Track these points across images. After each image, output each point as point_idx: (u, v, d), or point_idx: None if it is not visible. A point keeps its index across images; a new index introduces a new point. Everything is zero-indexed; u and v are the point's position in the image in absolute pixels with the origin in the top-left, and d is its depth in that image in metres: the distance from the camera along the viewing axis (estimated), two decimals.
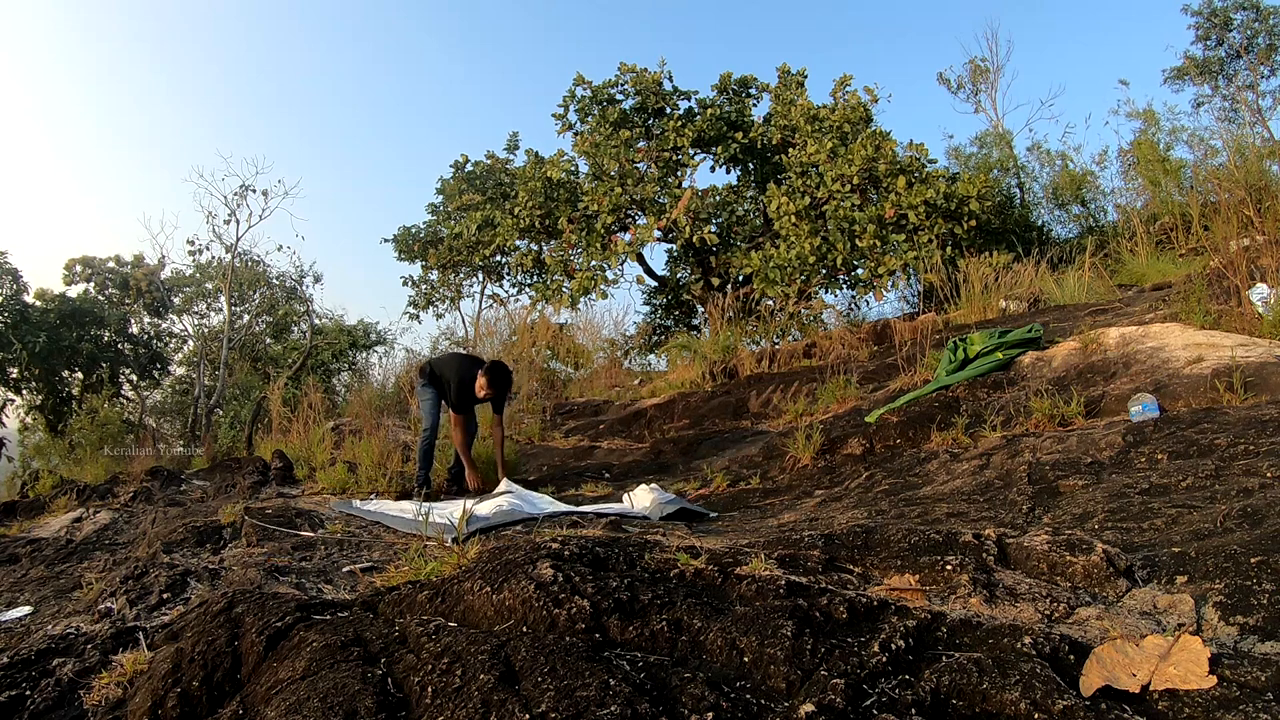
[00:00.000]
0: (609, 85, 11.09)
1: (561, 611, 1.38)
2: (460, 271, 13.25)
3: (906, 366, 5.10)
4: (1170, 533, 1.78)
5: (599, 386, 9.13)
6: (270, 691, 1.29)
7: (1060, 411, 3.31)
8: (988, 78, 14.65)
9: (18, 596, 2.73)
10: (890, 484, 3.08)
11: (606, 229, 10.24)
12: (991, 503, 2.42)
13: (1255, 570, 1.35)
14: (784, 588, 1.48)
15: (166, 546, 3.00)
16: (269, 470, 5.66)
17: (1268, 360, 3.14)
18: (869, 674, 1.14)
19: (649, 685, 1.12)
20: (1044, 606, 1.44)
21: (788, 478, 3.86)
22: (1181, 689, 1.06)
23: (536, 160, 11.46)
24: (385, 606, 1.66)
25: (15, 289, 11.69)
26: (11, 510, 4.89)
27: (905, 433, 3.82)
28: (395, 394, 9.19)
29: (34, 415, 11.52)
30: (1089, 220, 11.50)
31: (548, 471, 5.13)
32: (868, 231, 8.94)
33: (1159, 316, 4.58)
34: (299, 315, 15.47)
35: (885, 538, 1.86)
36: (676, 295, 12.00)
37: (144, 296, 14.58)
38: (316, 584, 2.47)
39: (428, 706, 1.13)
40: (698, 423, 6.05)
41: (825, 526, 2.37)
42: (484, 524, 3.12)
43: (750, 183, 11.61)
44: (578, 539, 1.84)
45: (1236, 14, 13.13)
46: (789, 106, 10.49)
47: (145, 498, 4.81)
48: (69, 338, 11.52)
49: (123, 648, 1.84)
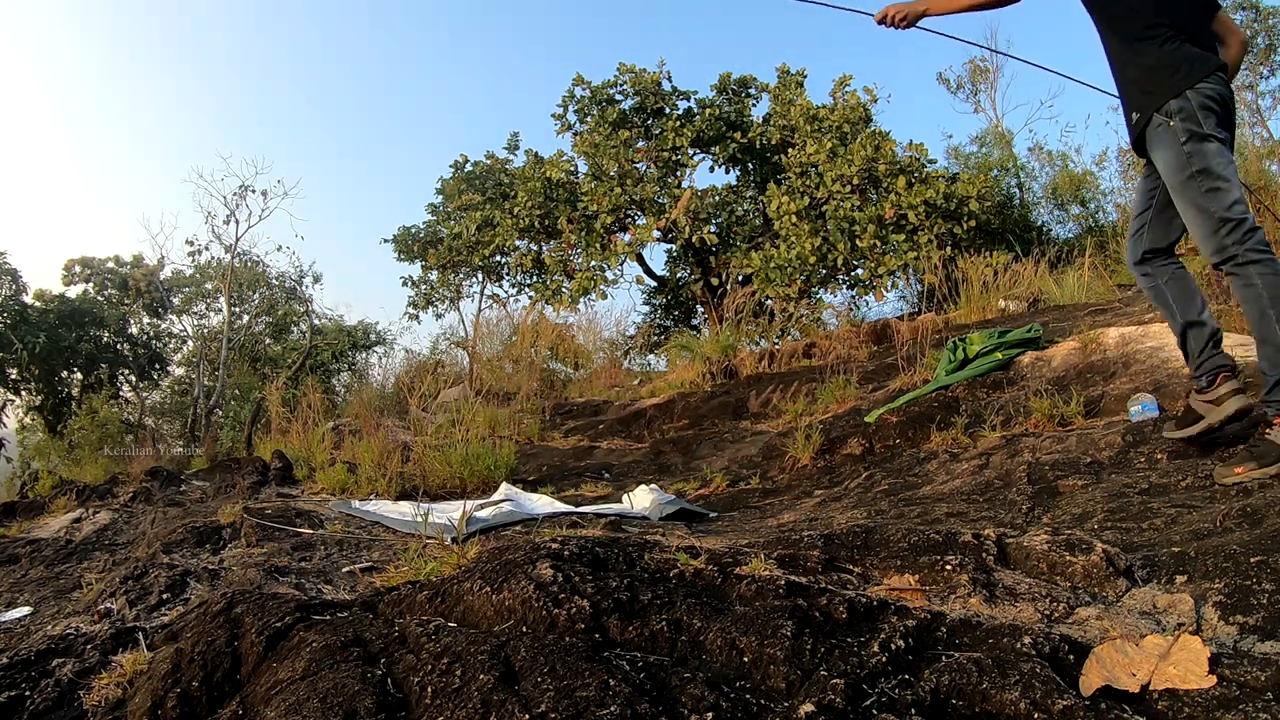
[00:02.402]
0: (608, 85, 11.10)
1: (561, 611, 1.38)
2: (460, 272, 13.25)
3: (906, 366, 5.10)
4: (1170, 532, 1.78)
5: (599, 387, 9.13)
6: (270, 692, 1.29)
7: (1060, 411, 3.31)
8: (987, 78, 14.67)
9: (17, 597, 2.72)
10: (890, 484, 3.09)
11: (606, 229, 10.24)
12: (991, 503, 2.43)
13: (1255, 570, 1.35)
14: (784, 588, 1.48)
15: (166, 547, 3.00)
16: (268, 470, 5.66)
17: None
18: (869, 674, 1.14)
19: (649, 685, 1.12)
20: (1044, 606, 1.44)
21: (787, 478, 3.86)
22: (1181, 689, 1.06)
23: (536, 160, 11.47)
24: (385, 607, 1.66)
25: (14, 289, 11.69)
26: (11, 511, 4.88)
27: (905, 433, 3.82)
28: (395, 394, 9.19)
29: (33, 416, 11.51)
30: (1089, 220, 11.51)
31: (547, 472, 5.13)
32: (867, 231, 8.94)
33: (1159, 316, 4.58)
34: (298, 315, 15.47)
35: (885, 538, 1.86)
36: (676, 295, 12.00)
37: (143, 297, 14.58)
38: (316, 584, 2.47)
39: (427, 706, 1.13)
40: (697, 423, 6.05)
41: (825, 526, 2.37)
42: (484, 524, 3.12)
43: (750, 183, 11.62)
44: (577, 539, 1.84)
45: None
46: (788, 106, 10.49)
47: (145, 498, 4.80)
48: (68, 338, 11.52)
49: (122, 648, 1.84)
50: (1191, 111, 2.06)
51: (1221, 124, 2.07)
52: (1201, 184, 2.05)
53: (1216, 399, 2.16)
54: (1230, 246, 2.02)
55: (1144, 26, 2.14)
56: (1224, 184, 2.03)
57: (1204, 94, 2.06)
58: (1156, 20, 2.12)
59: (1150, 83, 2.14)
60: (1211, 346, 2.21)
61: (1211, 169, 2.04)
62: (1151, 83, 2.14)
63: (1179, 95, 2.07)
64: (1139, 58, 2.17)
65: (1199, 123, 2.05)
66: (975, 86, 14.85)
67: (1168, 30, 2.12)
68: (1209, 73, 2.08)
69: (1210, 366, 2.19)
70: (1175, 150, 2.09)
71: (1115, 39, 2.24)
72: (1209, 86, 2.06)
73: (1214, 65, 2.09)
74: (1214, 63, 2.10)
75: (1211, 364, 2.19)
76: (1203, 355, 2.22)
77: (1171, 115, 2.09)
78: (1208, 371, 2.20)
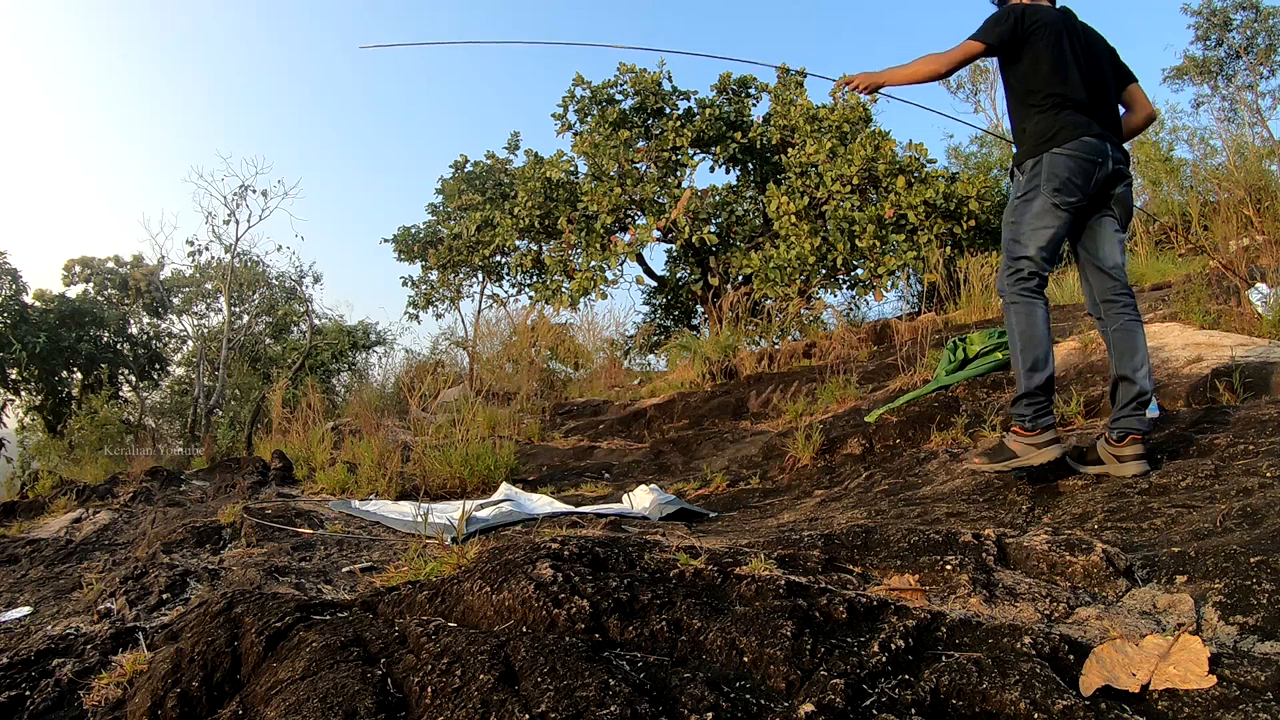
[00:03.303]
0: (608, 85, 11.08)
1: (561, 611, 1.38)
2: (460, 272, 13.24)
3: (906, 366, 5.10)
4: (1170, 532, 1.78)
5: (599, 386, 9.12)
6: (270, 692, 1.29)
7: (1060, 411, 3.31)
8: (987, 78, 14.67)
9: (17, 597, 2.72)
10: (890, 484, 3.09)
11: (606, 229, 10.24)
12: (991, 503, 2.43)
13: (1255, 570, 1.35)
14: (784, 588, 1.48)
15: (166, 547, 3.00)
16: (268, 470, 5.66)
17: (1267, 360, 3.14)
18: (869, 674, 1.14)
19: (648, 685, 1.12)
20: (1044, 606, 1.44)
21: (787, 478, 3.86)
22: (1181, 688, 1.06)
23: (536, 160, 11.46)
24: (385, 607, 1.66)
25: (14, 289, 11.68)
26: (11, 511, 4.88)
27: (905, 433, 3.82)
28: (395, 394, 9.18)
29: (33, 416, 11.51)
30: None
31: (548, 471, 5.13)
32: (867, 231, 8.94)
33: (1158, 316, 4.58)
34: (298, 315, 15.47)
35: (885, 537, 1.86)
36: (676, 295, 11.99)
37: (143, 297, 14.58)
38: (316, 584, 2.47)
39: (427, 706, 1.13)
40: (697, 423, 6.05)
41: (825, 526, 2.37)
42: (484, 524, 3.12)
43: (750, 183, 11.60)
44: (577, 539, 1.84)
45: (1236, 14, 13.14)
46: (788, 106, 10.48)
47: (145, 498, 4.80)
48: (68, 338, 11.52)
49: (122, 648, 1.84)
50: (1039, 172, 2.39)
51: (1065, 189, 2.35)
52: (1010, 233, 2.44)
53: (1120, 455, 2.34)
54: (1006, 287, 2.43)
55: (1036, 95, 2.46)
56: (1024, 241, 2.39)
57: (1057, 160, 2.36)
58: (1047, 92, 2.43)
59: (1023, 141, 2.49)
60: (1134, 406, 2.36)
61: (1021, 225, 2.40)
62: (1024, 141, 2.48)
63: (1035, 158, 2.41)
64: (1024, 120, 2.50)
65: (1040, 184, 2.38)
66: (975, 86, 14.85)
67: (1053, 100, 2.42)
68: (1071, 139, 2.36)
69: (1125, 426, 2.35)
70: (1011, 198, 2.49)
71: (1013, 98, 2.58)
72: (1065, 154, 2.36)
73: (1082, 133, 2.36)
74: (1084, 130, 2.36)
75: (1126, 424, 2.35)
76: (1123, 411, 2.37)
77: (1025, 172, 2.44)
78: (1121, 429, 2.35)
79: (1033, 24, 2.46)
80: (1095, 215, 2.46)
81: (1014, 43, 2.48)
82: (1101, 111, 2.44)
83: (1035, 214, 2.37)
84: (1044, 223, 2.36)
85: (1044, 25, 2.45)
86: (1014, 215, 2.43)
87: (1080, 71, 2.43)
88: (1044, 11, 2.51)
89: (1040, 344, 2.36)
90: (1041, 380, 2.35)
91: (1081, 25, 2.57)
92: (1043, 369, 2.36)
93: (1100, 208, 2.45)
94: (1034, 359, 2.35)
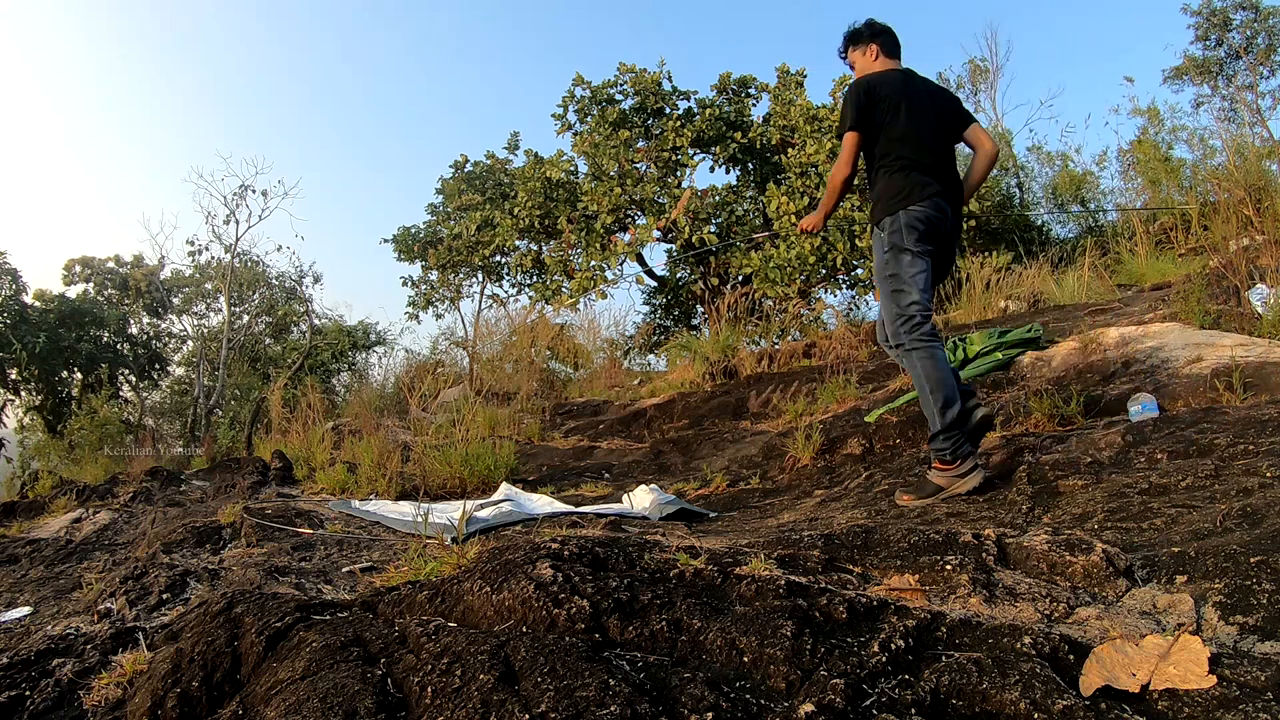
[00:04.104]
0: (608, 85, 11.07)
1: (561, 611, 1.38)
2: (460, 272, 13.24)
3: None
4: (1170, 532, 1.78)
5: (599, 386, 9.12)
6: (270, 692, 1.29)
7: (1060, 411, 3.31)
8: (987, 78, 14.67)
9: (17, 597, 2.72)
10: (890, 484, 3.08)
11: (606, 229, 10.23)
12: (991, 502, 2.43)
13: (1255, 570, 1.35)
14: (784, 588, 1.48)
15: (166, 547, 3.00)
16: (268, 470, 5.66)
17: (1267, 360, 3.14)
18: (869, 674, 1.14)
19: (649, 685, 1.12)
20: (1044, 606, 1.44)
21: (787, 478, 3.86)
22: (1181, 688, 1.06)
23: (536, 160, 11.45)
24: (385, 607, 1.66)
25: (14, 289, 11.68)
26: (11, 511, 4.88)
27: (905, 433, 3.82)
28: (395, 394, 9.18)
29: (33, 416, 11.51)
30: (1089, 220, 11.51)
31: (547, 472, 5.13)
32: (867, 231, 8.93)
33: (1158, 316, 4.58)
34: (298, 315, 15.47)
35: (885, 537, 1.86)
36: (676, 295, 11.99)
37: (143, 297, 14.59)
38: (316, 584, 2.47)
39: (427, 706, 1.13)
40: (697, 423, 6.05)
41: (825, 526, 2.37)
42: (484, 524, 3.12)
43: (750, 183, 11.60)
44: (577, 539, 1.84)
45: (1236, 14, 13.14)
46: (788, 106, 10.48)
47: (145, 498, 4.80)
48: (68, 338, 11.51)
49: (122, 648, 1.84)
50: (899, 228, 2.60)
51: (923, 239, 2.59)
52: (892, 285, 2.62)
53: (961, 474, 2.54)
54: (901, 335, 2.59)
55: (888, 157, 2.67)
56: (907, 288, 2.58)
57: (913, 215, 2.58)
58: (897, 154, 2.65)
59: (878, 201, 2.69)
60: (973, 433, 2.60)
61: (901, 275, 2.59)
62: (879, 201, 2.69)
63: (893, 215, 2.62)
64: (877, 182, 2.71)
65: (902, 238, 2.59)
66: (975, 86, 14.85)
67: (902, 162, 2.64)
68: (923, 198, 2.59)
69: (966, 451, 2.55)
70: (880, 255, 2.67)
71: (868, 162, 2.79)
72: (918, 209, 2.58)
73: (930, 193, 2.60)
74: (930, 190, 2.60)
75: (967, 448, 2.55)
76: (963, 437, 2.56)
77: (885, 229, 2.64)
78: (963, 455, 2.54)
79: (879, 96, 2.68)
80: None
81: (869, 113, 2.69)
82: (943, 172, 2.67)
83: (908, 263, 2.59)
84: (917, 268, 2.58)
85: (888, 96, 2.67)
86: (889, 269, 2.62)
87: (926, 134, 2.66)
88: (887, 80, 2.72)
89: (947, 383, 2.53)
90: (954, 415, 2.52)
91: (923, 84, 2.79)
92: (954, 405, 2.52)
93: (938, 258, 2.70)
94: (944, 398, 2.51)
